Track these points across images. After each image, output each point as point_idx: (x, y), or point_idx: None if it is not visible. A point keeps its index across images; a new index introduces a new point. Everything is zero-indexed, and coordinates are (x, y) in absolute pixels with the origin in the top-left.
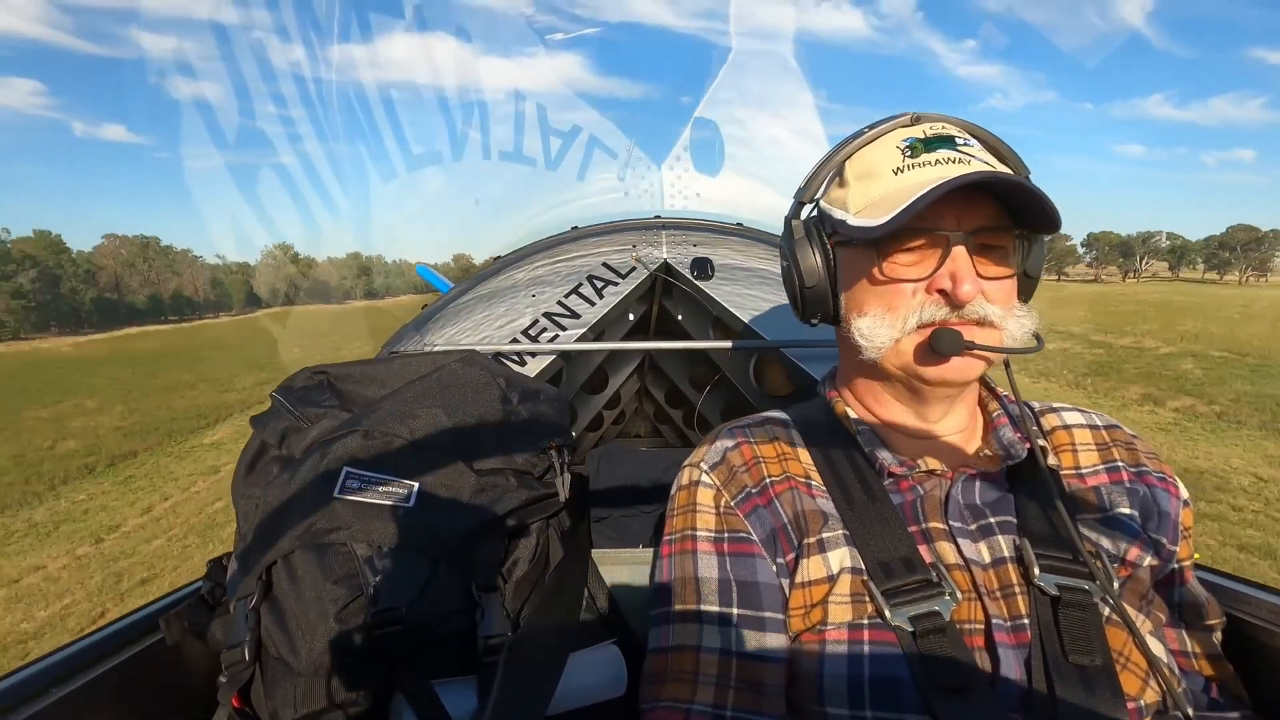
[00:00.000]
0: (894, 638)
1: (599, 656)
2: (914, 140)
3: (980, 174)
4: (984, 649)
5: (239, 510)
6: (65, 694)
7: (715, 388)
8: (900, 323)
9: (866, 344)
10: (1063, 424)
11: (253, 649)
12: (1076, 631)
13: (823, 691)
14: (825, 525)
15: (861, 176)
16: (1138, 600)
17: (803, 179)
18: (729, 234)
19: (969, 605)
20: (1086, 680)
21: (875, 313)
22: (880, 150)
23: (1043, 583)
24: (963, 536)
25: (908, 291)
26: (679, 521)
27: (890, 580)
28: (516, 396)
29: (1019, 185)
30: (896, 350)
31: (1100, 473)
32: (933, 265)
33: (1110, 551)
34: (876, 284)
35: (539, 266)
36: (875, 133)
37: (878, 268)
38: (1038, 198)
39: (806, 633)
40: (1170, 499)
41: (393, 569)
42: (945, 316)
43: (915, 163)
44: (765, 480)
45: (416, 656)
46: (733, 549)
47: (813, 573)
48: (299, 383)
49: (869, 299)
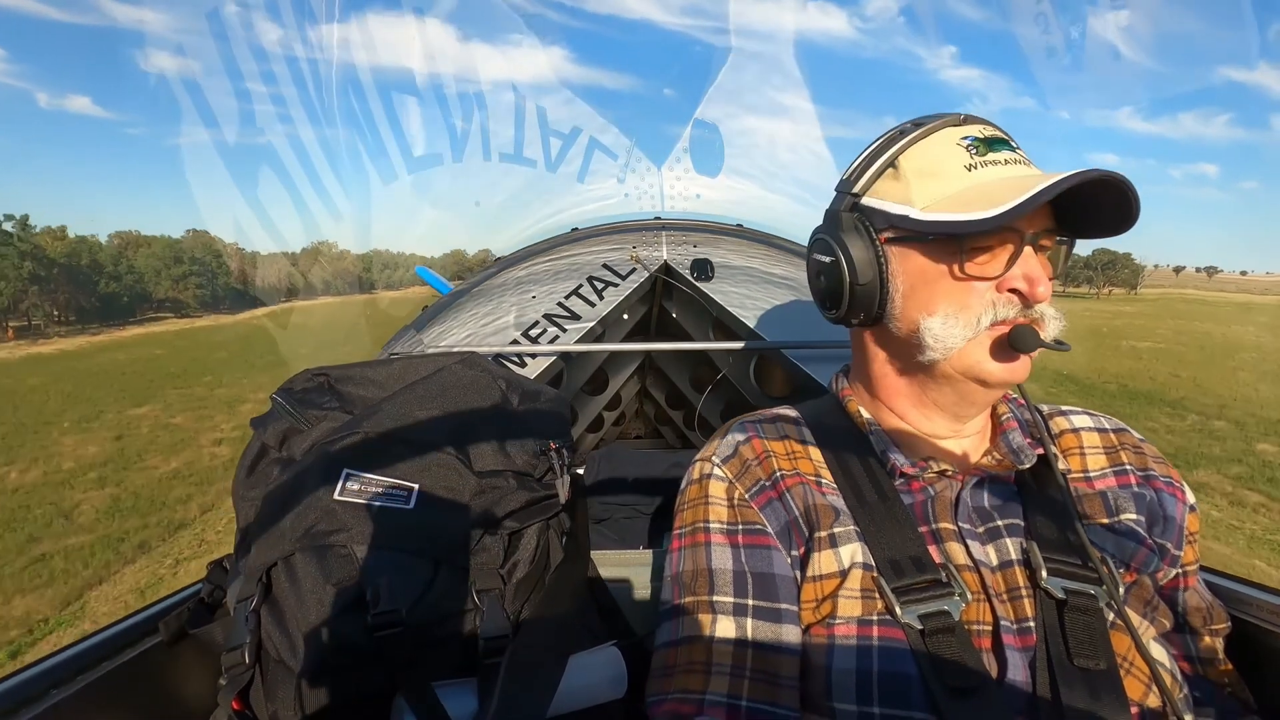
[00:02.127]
0: (903, 635)
1: (599, 658)
2: (974, 139)
3: (1102, 171)
4: (990, 650)
5: (239, 512)
6: (65, 696)
7: (715, 389)
8: (974, 322)
9: (937, 344)
10: (1071, 427)
11: (253, 651)
12: (1082, 635)
13: (831, 686)
14: (836, 520)
15: (924, 172)
16: (1142, 605)
17: (848, 171)
18: (729, 235)
19: (978, 606)
20: (1091, 684)
21: (948, 312)
22: (940, 147)
23: (1050, 586)
24: (972, 538)
25: (982, 290)
26: (689, 515)
27: (900, 578)
28: (516, 398)
29: (1125, 188)
30: (964, 351)
31: (1108, 476)
32: (1003, 264)
33: (1116, 556)
34: (954, 281)
35: (539, 267)
36: (925, 130)
37: (958, 264)
38: (1130, 206)
39: (816, 626)
40: (1176, 504)
41: (393, 571)
42: (1017, 315)
43: (984, 161)
44: (777, 474)
45: (417, 658)
46: (748, 540)
47: (824, 566)
48: (299, 385)
49: (939, 297)
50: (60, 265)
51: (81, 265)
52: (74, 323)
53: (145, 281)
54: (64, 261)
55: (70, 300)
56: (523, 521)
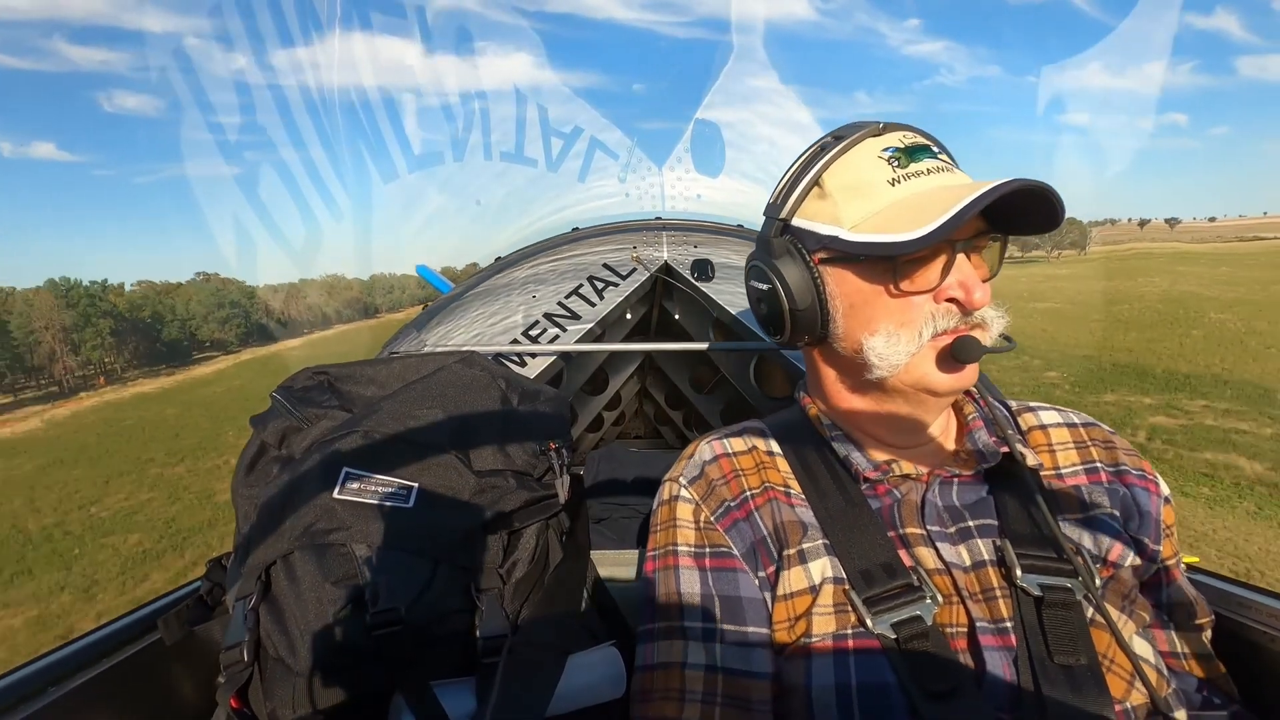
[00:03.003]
0: (878, 645)
1: (598, 657)
2: (895, 150)
3: (1020, 181)
4: (968, 651)
5: (238, 510)
6: (63, 694)
7: (715, 389)
8: (916, 337)
9: (881, 363)
10: (1039, 424)
11: (251, 649)
12: (1061, 631)
13: (812, 704)
14: (805, 536)
15: (848, 189)
16: (1120, 600)
17: (773, 194)
18: (729, 235)
19: (951, 609)
20: (1073, 680)
21: (888, 329)
22: (862, 161)
23: (1025, 583)
24: (941, 540)
25: (920, 303)
26: (661, 537)
27: (871, 588)
28: (516, 397)
29: (1048, 194)
30: (909, 366)
31: (1079, 473)
32: (938, 274)
33: (1092, 551)
34: (892, 299)
35: (539, 267)
36: (845, 144)
37: (893, 283)
38: (1054, 209)
39: (792, 645)
40: (1150, 497)
41: (392, 569)
42: (957, 324)
43: (906, 173)
44: (745, 493)
45: (416, 657)
46: (714, 564)
47: (794, 584)
48: (299, 383)
49: (879, 315)
50: (127, 318)
51: (144, 317)
52: (143, 366)
53: (195, 325)
54: (129, 315)
55: (138, 347)
56: (522, 521)
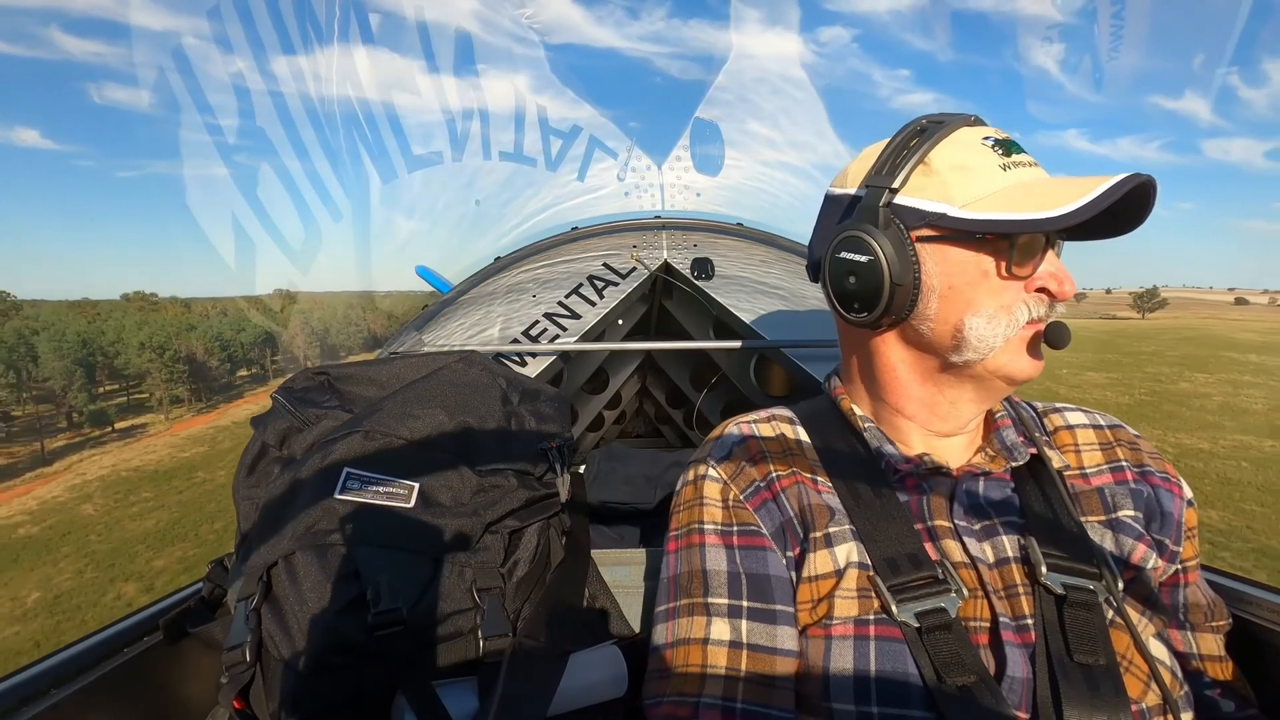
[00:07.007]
0: (900, 633)
1: (599, 657)
2: (995, 140)
3: (1147, 176)
4: (989, 647)
5: (239, 511)
6: (65, 695)
7: (716, 388)
8: (1013, 321)
9: (979, 344)
10: (1066, 424)
11: (253, 650)
12: (1081, 631)
13: (828, 686)
14: (832, 519)
15: (958, 169)
16: (1141, 602)
17: (874, 166)
18: (729, 234)
19: (975, 603)
20: (1091, 680)
21: (990, 311)
22: (966, 146)
23: (1049, 582)
24: (968, 535)
25: (1017, 289)
26: (685, 516)
27: (896, 576)
28: (517, 397)
29: (1151, 191)
30: (1000, 350)
31: (1104, 473)
32: (1033, 263)
33: (1114, 553)
34: (1001, 281)
35: (539, 267)
36: (948, 127)
37: (1004, 264)
38: (1147, 209)
39: (813, 627)
40: (1174, 499)
41: (393, 569)
42: (1045, 313)
43: (1011, 161)
44: (771, 475)
45: (417, 657)
46: (743, 542)
47: (819, 567)
48: (299, 383)
49: (982, 297)
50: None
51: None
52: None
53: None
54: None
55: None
56: (523, 520)
